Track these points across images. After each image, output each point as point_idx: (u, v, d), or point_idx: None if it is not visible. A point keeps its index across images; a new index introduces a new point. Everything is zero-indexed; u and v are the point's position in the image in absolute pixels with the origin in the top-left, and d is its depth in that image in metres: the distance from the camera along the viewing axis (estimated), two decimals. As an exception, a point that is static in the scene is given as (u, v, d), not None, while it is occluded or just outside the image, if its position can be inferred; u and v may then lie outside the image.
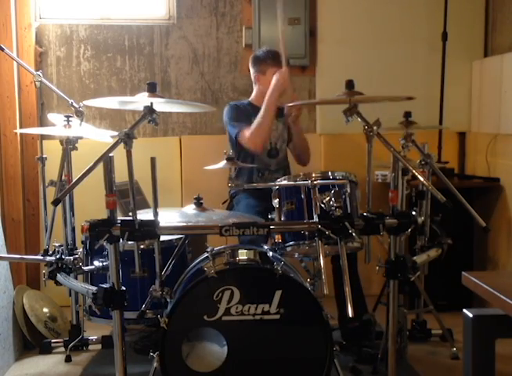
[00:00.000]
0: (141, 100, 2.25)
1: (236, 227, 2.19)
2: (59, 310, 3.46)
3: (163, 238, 2.45)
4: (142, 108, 2.20)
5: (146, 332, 3.13)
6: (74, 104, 3.04)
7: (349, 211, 2.43)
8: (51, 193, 3.01)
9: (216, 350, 2.26)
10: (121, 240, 2.12)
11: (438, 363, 3.00)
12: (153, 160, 2.19)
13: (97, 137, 3.03)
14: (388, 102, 2.99)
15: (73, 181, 2.02)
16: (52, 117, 3.18)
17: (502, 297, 1.36)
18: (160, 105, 2.28)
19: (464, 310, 1.56)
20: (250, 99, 3.47)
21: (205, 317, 2.25)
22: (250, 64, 3.44)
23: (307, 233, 2.45)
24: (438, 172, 2.82)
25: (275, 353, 2.29)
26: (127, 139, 2.08)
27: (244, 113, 3.36)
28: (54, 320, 3.33)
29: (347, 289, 2.14)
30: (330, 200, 2.26)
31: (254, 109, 3.39)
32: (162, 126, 4.07)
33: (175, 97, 3.96)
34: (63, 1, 4.02)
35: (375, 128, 2.22)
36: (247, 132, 3.23)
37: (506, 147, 3.64)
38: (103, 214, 2.13)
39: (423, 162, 2.91)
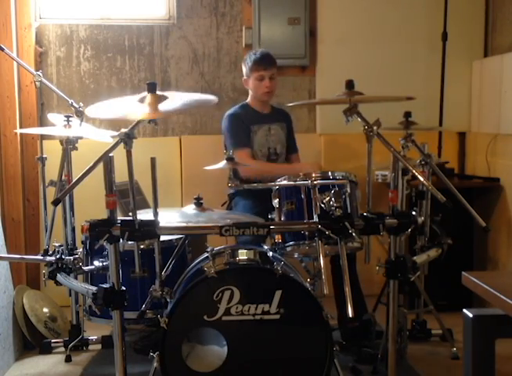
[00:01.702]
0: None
1: (236, 227, 2.19)
2: (59, 310, 3.46)
3: (163, 238, 2.45)
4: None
5: (146, 332, 3.13)
6: (74, 104, 3.04)
7: (349, 211, 2.43)
8: (51, 193, 3.01)
9: (216, 350, 2.26)
10: (121, 240, 2.12)
11: (438, 363, 3.00)
12: (153, 160, 2.19)
13: (97, 137, 3.02)
14: (388, 102, 2.99)
15: (73, 181, 2.02)
16: (52, 117, 3.18)
17: (502, 297, 1.36)
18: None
19: (464, 310, 1.56)
20: (247, 100, 3.47)
21: (205, 317, 2.25)
22: (242, 67, 3.46)
23: (307, 233, 2.45)
24: (438, 172, 2.82)
25: (276, 353, 2.28)
26: (127, 139, 2.08)
27: (243, 123, 3.36)
28: (54, 320, 3.33)
29: (347, 289, 2.13)
30: (330, 200, 2.26)
31: (252, 112, 3.42)
32: (162, 126, 4.07)
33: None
34: (63, 1, 4.02)
35: (375, 128, 2.22)
36: (249, 161, 3.22)
37: (506, 147, 3.64)
38: (103, 214, 2.13)
39: (423, 162, 2.91)
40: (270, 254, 2.56)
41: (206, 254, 2.51)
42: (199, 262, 2.60)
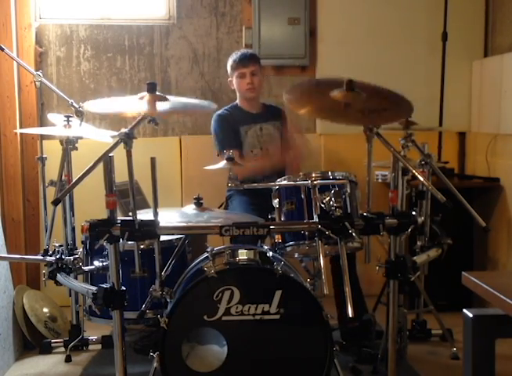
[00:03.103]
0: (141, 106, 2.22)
1: (236, 227, 2.19)
2: (59, 310, 3.46)
3: (163, 238, 2.45)
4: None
5: (146, 332, 3.13)
6: (74, 104, 3.04)
7: (349, 211, 2.43)
8: (51, 193, 3.01)
9: (216, 350, 2.26)
10: (121, 240, 2.12)
11: (438, 363, 3.00)
12: (153, 160, 2.19)
13: (97, 137, 3.02)
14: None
15: (73, 181, 2.02)
16: (52, 117, 3.18)
17: (502, 297, 1.35)
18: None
19: (464, 310, 1.56)
20: (236, 101, 3.48)
21: (205, 317, 2.25)
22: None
23: (307, 233, 2.45)
24: (438, 172, 2.82)
25: (275, 353, 2.28)
26: (127, 139, 2.08)
27: (230, 125, 3.36)
28: (54, 320, 3.33)
29: (347, 289, 2.13)
30: (330, 200, 2.26)
31: (241, 113, 3.43)
32: (162, 126, 4.07)
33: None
34: (63, 1, 4.02)
35: (375, 128, 2.22)
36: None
37: (506, 147, 3.64)
38: (103, 214, 2.13)
39: (423, 162, 2.91)
40: (270, 254, 2.56)
41: (206, 254, 2.51)
42: (199, 262, 2.60)
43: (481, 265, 3.82)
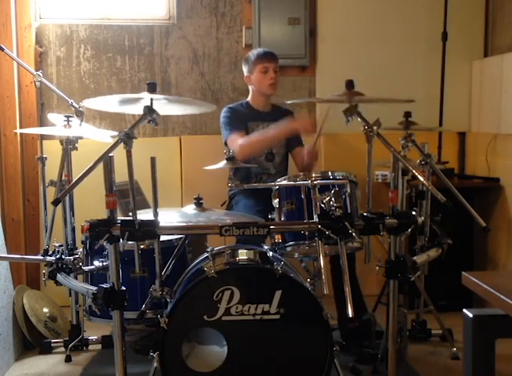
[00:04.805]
0: (141, 98, 2.24)
1: (236, 227, 2.19)
2: (59, 310, 3.46)
3: (163, 238, 2.45)
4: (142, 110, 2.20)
5: (146, 332, 3.13)
6: (74, 104, 3.03)
7: (349, 211, 2.43)
8: (51, 193, 3.01)
9: (216, 350, 2.26)
10: (121, 240, 2.12)
11: (438, 363, 3.00)
12: (153, 160, 2.19)
13: (97, 137, 3.03)
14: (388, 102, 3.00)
15: (73, 181, 2.02)
16: (52, 117, 3.18)
17: (502, 297, 1.35)
18: (160, 107, 2.27)
19: (464, 310, 1.56)
20: (247, 99, 3.47)
21: (205, 317, 2.25)
22: (242, 66, 3.45)
23: (307, 233, 2.44)
24: (438, 172, 2.82)
25: (276, 353, 2.28)
26: (127, 139, 2.08)
27: (239, 117, 3.36)
28: (54, 320, 3.33)
29: (347, 289, 2.13)
30: (330, 200, 2.25)
31: (251, 110, 3.42)
32: (162, 126, 4.07)
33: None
34: (63, 1, 4.02)
35: (375, 128, 2.22)
36: (240, 140, 3.20)
37: (506, 147, 3.64)
38: (103, 214, 2.13)
39: (423, 162, 2.91)
40: (270, 254, 2.56)
41: (206, 254, 2.51)
42: (199, 262, 2.60)
43: (481, 265, 3.82)
